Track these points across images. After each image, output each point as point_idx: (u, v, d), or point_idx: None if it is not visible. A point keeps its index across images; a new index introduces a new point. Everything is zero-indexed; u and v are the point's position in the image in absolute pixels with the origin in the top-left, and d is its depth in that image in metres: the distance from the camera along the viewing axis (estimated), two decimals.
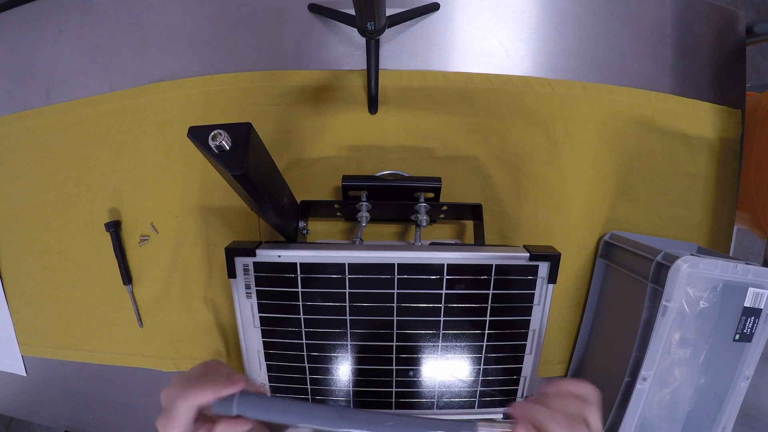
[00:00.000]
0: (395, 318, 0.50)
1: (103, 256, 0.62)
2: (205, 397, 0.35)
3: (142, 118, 0.61)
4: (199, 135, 0.33)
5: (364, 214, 0.54)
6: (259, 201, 0.39)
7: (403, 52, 0.59)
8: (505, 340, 0.51)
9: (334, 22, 0.58)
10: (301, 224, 0.56)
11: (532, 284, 0.49)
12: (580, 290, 0.63)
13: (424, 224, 0.54)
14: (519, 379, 0.53)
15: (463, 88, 0.59)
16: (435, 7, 0.59)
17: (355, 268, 0.48)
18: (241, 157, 0.33)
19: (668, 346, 0.52)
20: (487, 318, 0.50)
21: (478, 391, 0.53)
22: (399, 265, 0.47)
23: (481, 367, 0.52)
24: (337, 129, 0.59)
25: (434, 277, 0.48)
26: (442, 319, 0.50)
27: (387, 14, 0.50)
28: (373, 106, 0.58)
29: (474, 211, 0.57)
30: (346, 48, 0.59)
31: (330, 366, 0.52)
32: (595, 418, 0.36)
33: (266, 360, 0.52)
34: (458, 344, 0.51)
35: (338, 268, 0.48)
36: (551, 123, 0.60)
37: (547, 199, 0.60)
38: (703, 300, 0.51)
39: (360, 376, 0.52)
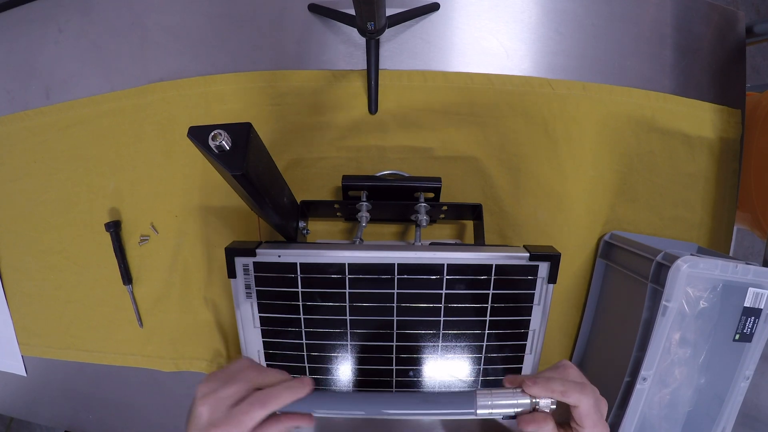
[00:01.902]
0: (395, 318, 0.50)
1: (103, 256, 0.62)
2: (284, 402, 0.36)
3: (142, 118, 0.61)
4: (199, 135, 0.33)
5: (364, 214, 0.54)
6: (259, 201, 0.39)
7: (403, 52, 0.59)
8: (505, 340, 0.51)
9: (334, 22, 0.58)
10: (301, 224, 0.56)
11: (532, 284, 0.49)
12: (580, 290, 0.63)
13: (424, 224, 0.54)
14: None
15: (463, 88, 0.59)
16: (435, 7, 0.59)
17: (355, 268, 0.48)
18: (241, 157, 0.33)
19: (668, 346, 0.52)
20: (487, 318, 0.50)
21: None
22: (399, 265, 0.47)
23: (481, 367, 0.52)
24: (337, 129, 0.59)
25: (434, 277, 0.48)
26: (442, 319, 0.50)
27: (387, 14, 0.50)
28: (373, 106, 0.58)
29: (474, 211, 0.57)
30: (346, 48, 0.59)
31: (330, 366, 0.52)
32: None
33: (266, 360, 0.52)
34: (458, 344, 0.51)
35: (338, 268, 0.48)
36: (551, 123, 0.60)
37: (547, 199, 0.60)
38: (703, 300, 0.51)
39: (360, 376, 0.52)
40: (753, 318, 0.50)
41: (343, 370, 0.52)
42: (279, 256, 0.48)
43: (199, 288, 0.61)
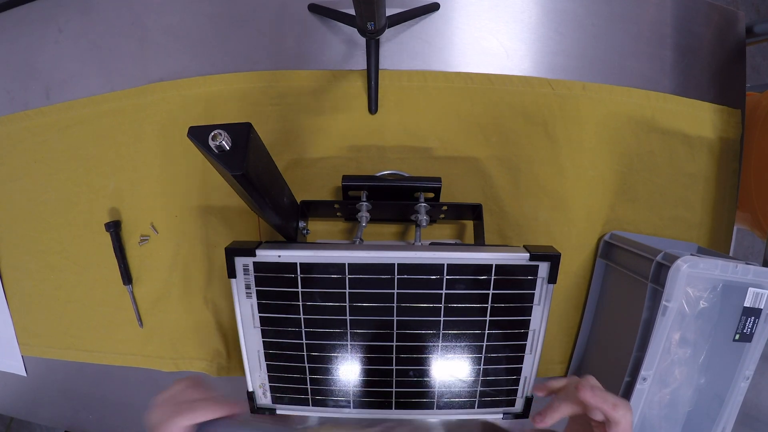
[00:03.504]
0: (395, 318, 0.50)
1: (103, 256, 0.62)
2: (203, 417, 0.38)
3: (142, 118, 0.61)
4: (199, 135, 0.33)
5: (364, 214, 0.54)
6: (259, 201, 0.39)
7: (403, 52, 0.59)
8: (506, 340, 0.51)
9: (334, 22, 0.58)
10: (301, 224, 0.56)
11: (532, 284, 0.49)
12: (580, 290, 0.63)
13: (424, 224, 0.54)
14: (519, 379, 0.53)
15: (463, 88, 0.59)
16: (435, 7, 0.59)
17: (355, 268, 0.48)
18: (241, 157, 0.33)
19: (668, 346, 0.52)
20: (487, 318, 0.50)
21: (478, 391, 0.53)
22: (399, 265, 0.47)
23: (481, 367, 0.52)
24: (337, 129, 0.59)
25: (434, 277, 0.48)
26: (442, 319, 0.50)
27: (387, 14, 0.50)
28: (373, 106, 0.58)
29: (474, 211, 0.57)
30: (346, 48, 0.59)
31: (330, 366, 0.52)
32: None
33: (266, 360, 0.52)
34: (458, 344, 0.51)
35: (338, 268, 0.48)
36: (551, 123, 0.60)
37: (547, 199, 0.60)
38: (703, 300, 0.51)
39: (360, 376, 0.52)
40: (753, 318, 0.50)
41: (344, 371, 0.52)
42: (279, 256, 0.47)
43: (199, 288, 0.61)
